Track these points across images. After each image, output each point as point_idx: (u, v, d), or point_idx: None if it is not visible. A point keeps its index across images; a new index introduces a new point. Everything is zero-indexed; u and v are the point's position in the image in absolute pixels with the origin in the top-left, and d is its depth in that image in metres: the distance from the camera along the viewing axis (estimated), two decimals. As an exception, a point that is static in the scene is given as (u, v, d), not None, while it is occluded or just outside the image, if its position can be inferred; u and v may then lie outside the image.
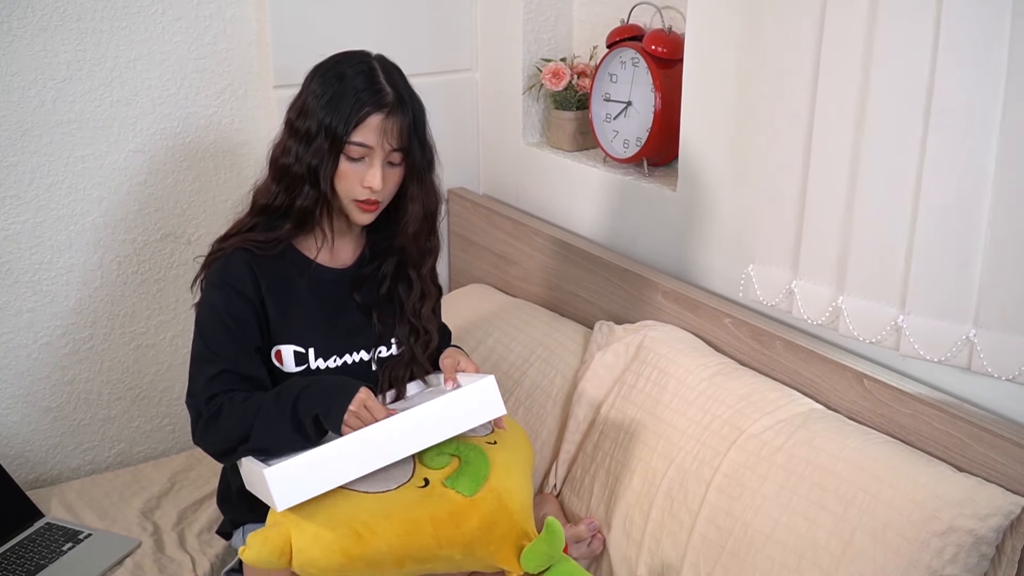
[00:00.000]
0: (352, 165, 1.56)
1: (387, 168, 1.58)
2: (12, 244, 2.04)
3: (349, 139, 1.54)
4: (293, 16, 2.18)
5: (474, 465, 1.54)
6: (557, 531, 1.50)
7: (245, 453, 1.52)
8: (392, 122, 1.55)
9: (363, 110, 1.53)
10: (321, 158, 1.55)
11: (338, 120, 1.53)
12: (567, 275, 2.18)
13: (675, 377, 1.78)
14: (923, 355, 1.46)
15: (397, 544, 1.44)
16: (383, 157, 1.56)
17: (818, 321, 1.60)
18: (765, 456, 1.59)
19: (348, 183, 1.57)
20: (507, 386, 2.04)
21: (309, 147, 1.56)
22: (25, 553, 1.85)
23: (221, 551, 1.90)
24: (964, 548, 1.39)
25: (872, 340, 1.52)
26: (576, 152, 2.30)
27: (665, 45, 2.01)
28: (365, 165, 1.56)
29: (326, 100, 1.55)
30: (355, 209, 1.60)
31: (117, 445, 2.26)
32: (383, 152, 1.56)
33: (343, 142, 1.54)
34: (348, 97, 1.54)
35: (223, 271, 1.60)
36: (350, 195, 1.59)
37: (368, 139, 1.54)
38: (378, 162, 1.56)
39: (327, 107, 1.54)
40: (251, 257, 1.61)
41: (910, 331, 1.47)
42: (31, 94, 1.99)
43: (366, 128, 1.54)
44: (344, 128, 1.53)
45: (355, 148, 1.55)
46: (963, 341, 1.42)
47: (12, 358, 2.09)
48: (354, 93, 1.54)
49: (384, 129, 1.55)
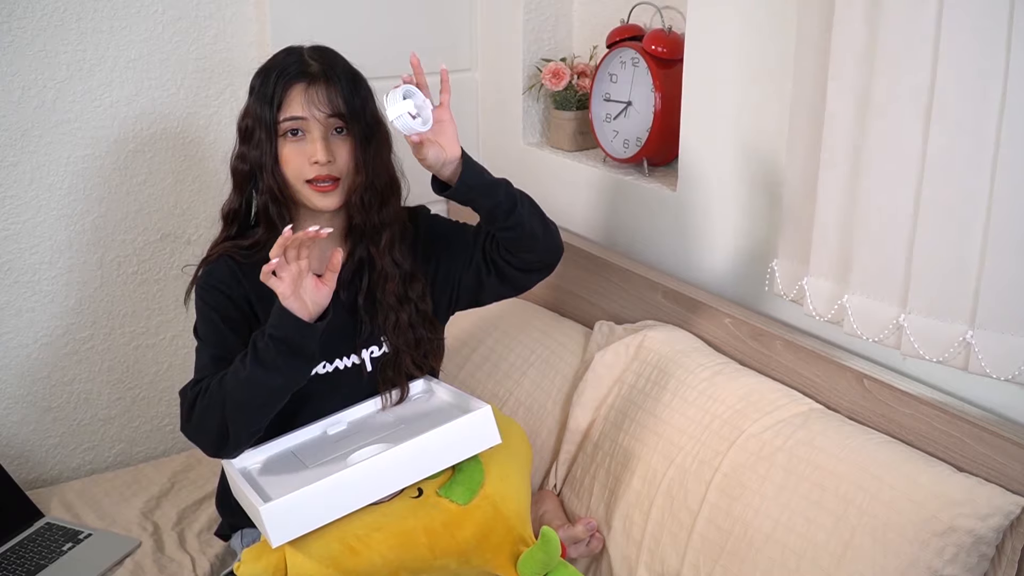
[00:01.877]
0: (294, 146, 1.54)
1: (333, 139, 1.56)
2: (12, 244, 2.04)
3: (279, 118, 1.53)
4: (293, 16, 2.18)
5: (468, 473, 1.54)
6: (552, 539, 1.50)
7: (227, 429, 1.50)
8: (317, 89, 1.54)
9: (285, 84, 1.53)
10: (262, 149, 1.55)
11: (266, 103, 1.53)
12: (567, 275, 2.18)
13: (675, 377, 1.78)
14: (923, 355, 1.46)
15: (391, 556, 1.44)
16: (322, 129, 1.54)
17: (825, 318, 1.60)
18: (765, 456, 1.59)
19: (294, 165, 1.55)
20: (507, 386, 2.04)
21: (250, 143, 1.56)
22: (25, 553, 1.85)
23: (221, 551, 1.90)
24: (964, 548, 1.39)
25: (875, 339, 1.52)
26: (576, 152, 2.30)
27: (665, 45, 2.01)
28: (306, 141, 1.55)
29: (256, 93, 1.56)
30: (312, 193, 1.56)
31: (117, 445, 2.26)
32: (318, 122, 1.54)
33: (275, 123, 1.53)
34: (271, 80, 1.55)
35: (209, 276, 1.61)
36: (301, 177, 1.55)
37: (295, 111, 1.53)
38: (317, 133, 1.54)
39: (257, 98, 1.55)
40: (235, 264, 1.61)
41: (911, 330, 1.47)
42: (31, 94, 1.99)
43: (291, 101, 1.53)
44: (271, 108, 1.53)
45: (287, 123, 1.54)
46: (960, 342, 1.42)
47: (12, 358, 2.10)
48: (276, 74, 1.55)
49: (309, 98, 1.53)
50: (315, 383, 1.61)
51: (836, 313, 1.58)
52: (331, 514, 1.44)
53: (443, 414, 1.60)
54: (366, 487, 1.45)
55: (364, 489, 1.45)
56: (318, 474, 1.47)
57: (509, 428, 1.73)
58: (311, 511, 1.42)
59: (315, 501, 1.42)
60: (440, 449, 1.50)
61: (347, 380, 1.65)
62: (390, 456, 1.46)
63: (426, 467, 1.50)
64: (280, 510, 1.40)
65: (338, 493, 1.43)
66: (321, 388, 1.63)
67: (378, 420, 1.66)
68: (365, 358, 1.67)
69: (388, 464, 1.46)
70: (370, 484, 1.46)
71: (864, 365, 1.64)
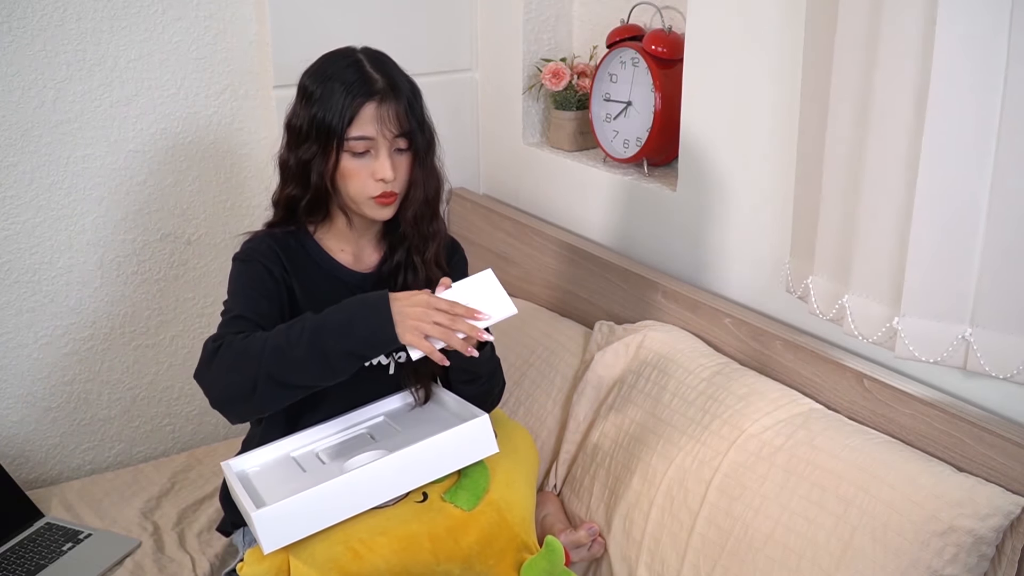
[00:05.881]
0: (358, 161, 1.55)
1: (395, 156, 1.56)
2: (12, 244, 2.04)
3: (348, 135, 1.53)
4: (293, 16, 2.18)
5: (473, 478, 1.53)
6: (556, 549, 1.50)
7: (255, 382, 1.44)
8: (387, 108, 1.53)
9: (355, 102, 1.52)
10: (312, 155, 1.55)
11: (332, 117, 1.52)
12: (567, 275, 2.18)
13: (675, 377, 1.78)
14: (918, 356, 1.46)
15: (395, 560, 1.43)
16: (388, 146, 1.55)
17: (826, 317, 1.60)
18: (765, 456, 1.59)
19: (359, 180, 1.55)
20: (507, 386, 2.03)
21: (301, 145, 1.56)
22: (25, 553, 1.85)
23: (221, 551, 1.90)
24: (964, 548, 1.39)
25: (872, 340, 1.52)
26: (576, 152, 2.30)
27: (665, 45, 2.01)
28: (371, 158, 1.55)
29: (317, 99, 1.54)
30: (373, 205, 1.58)
31: (117, 445, 2.26)
32: (386, 141, 1.54)
33: (343, 138, 1.53)
34: (338, 93, 1.53)
35: (249, 249, 1.61)
36: (365, 193, 1.56)
37: (367, 130, 1.53)
38: (384, 151, 1.54)
39: (319, 105, 1.54)
40: (276, 243, 1.61)
41: (905, 332, 1.47)
42: (31, 94, 1.99)
43: (362, 120, 1.53)
44: (340, 124, 1.52)
45: (356, 143, 1.53)
46: (959, 341, 1.42)
47: (12, 358, 2.09)
48: (343, 88, 1.53)
49: (380, 116, 1.53)
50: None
51: (837, 313, 1.58)
52: (324, 521, 1.43)
53: (442, 422, 1.59)
54: (360, 494, 1.45)
55: (358, 496, 1.44)
56: (312, 480, 1.47)
57: (516, 434, 1.73)
58: (304, 518, 1.41)
59: (308, 508, 1.41)
60: (436, 457, 1.48)
61: (370, 378, 1.65)
62: (384, 464, 1.45)
63: (422, 475, 1.48)
64: (272, 516, 1.39)
65: (331, 500, 1.42)
66: (343, 382, 1.62)
67: (381, 425, 1.65)
68: (392, 360, 1.67)
69: (382, 472, 1.45)
70: (364, 492, 1.45)
71: (864, 365, 1.64)
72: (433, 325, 1.41)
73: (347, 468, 1.50)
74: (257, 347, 1.44)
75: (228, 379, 1.45)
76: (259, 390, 1.43)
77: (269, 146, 2.26)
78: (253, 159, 2.26)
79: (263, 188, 2.28)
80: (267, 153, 2.27)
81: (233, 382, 1.44)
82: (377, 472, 1.45)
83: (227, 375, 1.45)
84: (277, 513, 1.40)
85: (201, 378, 1.49)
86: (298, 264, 1.61)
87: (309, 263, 1.63)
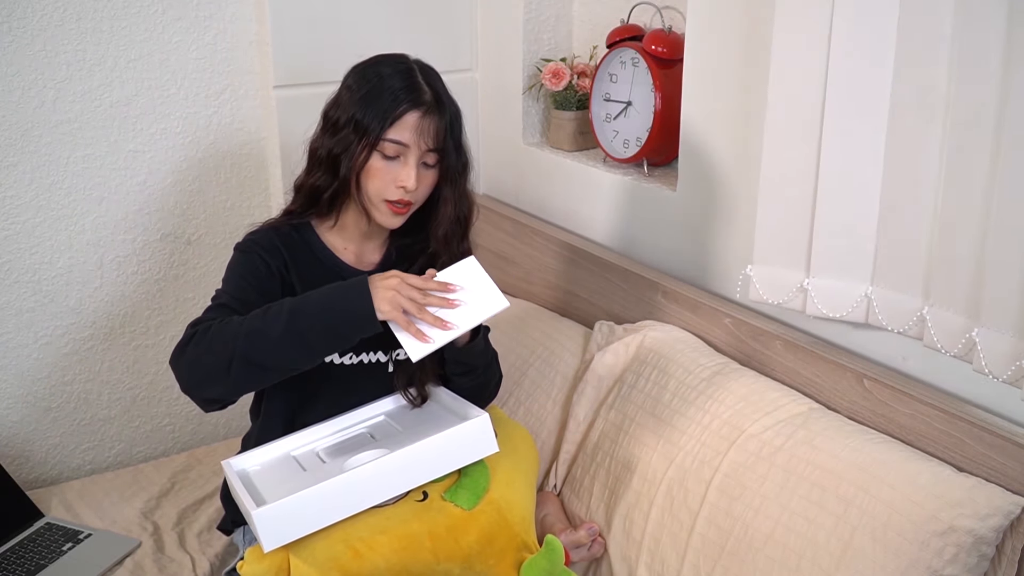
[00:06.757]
0: (386, 163, 1.55)
1: (421, 169, 1.57)
2: (12, 244, 2.04)
3: (385, 136, 1.53)
4: (293, 16, 2.18)
5: (474, 477, 1.54)
6: (556, 548, 1.50)
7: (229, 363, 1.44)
8: (429, 121, 1.54)
9: (400, 107, 1.53)
10: (345, 148, 1.55)
11: (374, 116, 1.53)
12: (567, 275, 2.18)
13: (675, 377, 1.78)
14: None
15: (395, 559, 1.44)
16: (418, 156, 1.55)
17: (841, 316, 1.61)
18: (765, 456, 1.59)
19: (381, 181, 1.56)
20: (507, 386, 2.03)
21: (335, 136, 1.56)
22: (25, 553, 1.85)
23: (221, 551, 1.90)
24: (964, 548, 1.39)
25: (900, 330, 1.53)
26: (576, 152, 2.30)
27: (665, 45, 2.01)
28: (399, 164, 1.55)
29: (361, 96, 1.55)
30: (386, 211, 1.58)
31: (117, 445, 2.26)
32: (418, 151, 1.55)
33: (379, 138, 1.53)
34: (385, 95, 1.54)
35: (251, 241, 1.62)
36: (382, 195, 1.57)
37: (404, 137, 1.54)
38: (413, 161, 1.55)
39: (362, 102, 1.54)
40: (279, 237, 1.62)
41: (932, 323, 1.47)
42: (31, 94, 1.99)
43: (402, 125, 1.53)
44: (380, 124, 1.53)
45: (391, 145, 1.54)
46: (967, 339, 1.42)
47: (12, 358, 2.10)
48: (391, 91, 1.54)
49: (420, 128, 1.54)
50: (336, 372, 1.62)
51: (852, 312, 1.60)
52: (325, 520, 1.43)
53: (442, 421, 1.59)
54: (360, 493, 1.45)
55: (358, 495, 1.45)
56: (312, 479, 1.47)
57: (516, 433, 1.73)
58: (304, 516, 1.42)
59: (308, 506, 1.41)
60: (436, 457, 1.49)
61: (367, 375, 1.66)
62: (384, 463, 1.45)
63: (422, 474, 1.49)
64: (272, 515, 1.40)
65: (332, 499, 1.43)
66: (341, 378, 1.64)
67: (381, 424, 1.66)
68: (391, 358, 1.67)
69: (382, 471, 1.45)
70: (364, 491, 1.45)
71: (864, 365, 1.64)
72: (408, 300, 1.45)
73: (347, 467, 1.50)
74: (233, 329, 1.45)
75: (203, 360, 1.46)
76: (233, 371, 1.44)
77: (269, 146, 2.26)
78: (253, 159, 2.26)
79: (263, 188, 2.28)
80: (267, 153, 2.27)
81: (207, 363, 1.45)
82: (377, 471, 1.45)
83: (203, 357, 1.46)
84: (277, 512, 1.40)
85: (175, 361, 1.49)
86: (300, 259, 1.62)
87: (311, 259, 1.63)
